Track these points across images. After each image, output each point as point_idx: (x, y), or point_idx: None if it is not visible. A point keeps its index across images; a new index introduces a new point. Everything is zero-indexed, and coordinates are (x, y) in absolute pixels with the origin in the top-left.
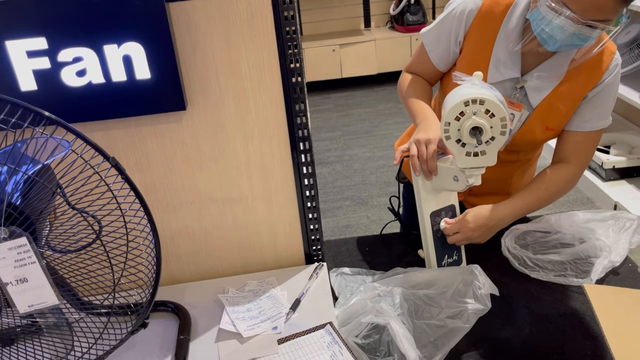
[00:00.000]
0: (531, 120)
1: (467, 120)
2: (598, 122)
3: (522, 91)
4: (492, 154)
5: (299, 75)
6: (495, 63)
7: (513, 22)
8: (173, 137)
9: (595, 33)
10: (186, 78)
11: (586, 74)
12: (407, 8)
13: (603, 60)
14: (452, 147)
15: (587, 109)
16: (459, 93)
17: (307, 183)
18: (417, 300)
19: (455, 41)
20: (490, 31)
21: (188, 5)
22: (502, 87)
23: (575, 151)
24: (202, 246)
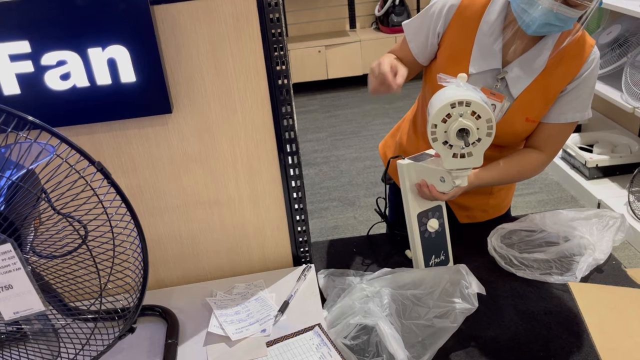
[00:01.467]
0: (512, 111)
1: (453, 122)
2: (574, 114)
3: (503, 82)
4: (478, 155)
5: (285, 77)
6: (476, 55)
7: (494, 13)
8: (159, 140)
9: (573, 13)
10: (172, 81)
11: (565, 65)
12: (392, 9)
13: (582, 53)
14: (439, 149)
15: (565, 101)
16: (445, 95)
17: (294, 185)
18: (404, 300)
19: (434, 34)
20: (471, 24)
21: (173, 8)
22: (483, 78)
23: (549, 141)
24: (190, 249)
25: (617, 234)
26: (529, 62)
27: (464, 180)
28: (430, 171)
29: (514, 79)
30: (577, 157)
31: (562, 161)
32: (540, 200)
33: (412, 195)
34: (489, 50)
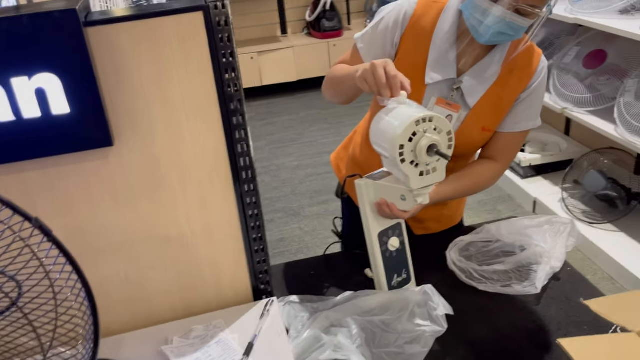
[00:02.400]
0: (468, 121)
1: (420, 139)
2: (527, 123)
3: (459, 92)
4: (441, 170)
5: (239, 101)
6: (432, 65)
7: (447, 23)
8: (99, 175)
9: (525, 22)
10: (112, 110)
11: (517, 75)
12: (323, 14)
13: (532, 62)
14: (407, 170)
15: (519, 110)
16: (405, 114)
17: (251, 214)
18: (373, 328)
19: (392, 45)
20: (426, 33)
21: (110, 29)
22: (438, 88)
23: (504, 151)
24: (138, 291)
25: (568, 240)
26: (482, 72)
27: (425, 198)
28: (390, 190)
29: (469, 88)
30: None
31: None
32: (480, 201)
33: (372, 215)
34: (443, 60)
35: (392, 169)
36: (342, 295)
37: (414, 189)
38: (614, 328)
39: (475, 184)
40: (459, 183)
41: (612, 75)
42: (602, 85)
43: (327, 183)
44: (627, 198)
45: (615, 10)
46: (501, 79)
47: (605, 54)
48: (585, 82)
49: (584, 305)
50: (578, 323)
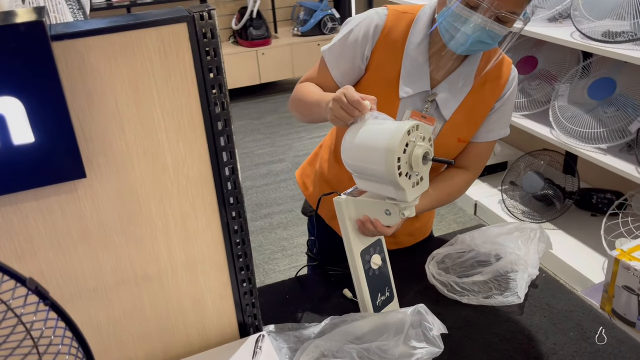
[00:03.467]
0: (444, 133)
1: (414, 149)
2: (499, 131)
3: (434, 105)
4: (426, 179)
5: (226, 120)
6: (405, 78)
7: (418, 35)
8: (67, 211)
9: (503, 30)
10: (82, 137)
11: (490, 85)
12: (250, 22)
13: (504, 73)
14: (403, 183)
15: (492, 120)
16: (391, 127)
17: (238, 241)
18: (371, 356)
19: (362, 58)
20: (397, 46)
21: (80, 44)
22: (412, 101)
23: (476, 160)
24: (112, 339)
25: (539, 246)
26: (456, 84)
27: (412, 211)
28: (373, 206)
29: (444, 100)
30: None
31: None
32: None
33: (354, 233)
34: (417, 73)
35: (375, 186)
36: (327, 321)
37: (410, 201)
38: (600, 332)
39: (450, 195)
40: (435, 195)
41: (542, 80)
42: (533, 90)
43: (268, 196)
44: (563, 197)
45: (545, 19)
46: (475, 90)
47: (536, 60)
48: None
49: (567, 311)
50: (564, 330)
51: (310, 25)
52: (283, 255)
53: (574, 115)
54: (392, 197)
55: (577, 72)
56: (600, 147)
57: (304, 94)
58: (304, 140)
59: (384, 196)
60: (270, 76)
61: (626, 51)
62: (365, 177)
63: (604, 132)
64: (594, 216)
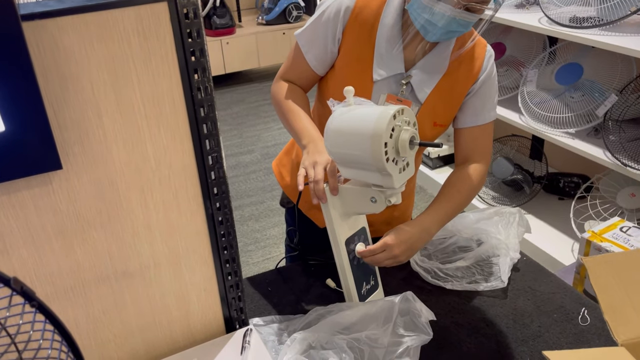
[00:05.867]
0: (420, 117)
1: (400, 133)
2: (489, 113)
3: (409, 87)
4: (412, 164)
5: (210, 106)
6: (378, 60)
7: (391, 16)
8: (40, 205)
9: (473, 18)
10: (56, 125)
11: (465, 67)
12: (213, 11)
13: (478, 53)
14: (390, 168)
15: (477, 102)
16: (376, 111)
17: (223, 232)
18: (361, 345)
19: (333, 40)
20: (369, 27)
21: (52, 24)
22: (387, 84)
23: (476, 147)
24: (91, 339)
25: (518, 229)
26: (431, 65)
27: (398, 197)
28: (359, 193)
29: (419, 82)
30: None
31: None
32: None
33: (339, 222)
34: (390, 55)
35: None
36: (312, 312)
37: (396, 187)
38: (582, 312)
39: (467, 196)
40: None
41: (510, 66)
42: (501, 76)
43: (237, 187)
44: (532, 181)
45: (512, 5)
46: (449, 72)
47: (504, 46)
48: None
49: (549, 293)
50: (548, 312)
51: (275, 13)
52: (256, 247)
53: (542, 100)
54: (378, 184)
55: (544, 57)
56: (569, 132)
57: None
58: (272, 131)
59: (369, 183)
60: (235, 66)
61: (592, 36)
62: (350, 165)
63: (572, 117)
64: (561, 199)
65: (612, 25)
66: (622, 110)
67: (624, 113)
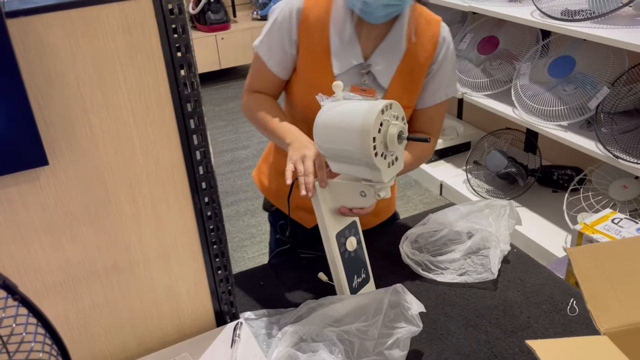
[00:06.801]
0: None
1: (389, 127)
2: (446, 90)
3: (370, 76)
4: (401, 158)
5: (196, 101)
6: (336, 54)
7: (340, 9)
8: (28, 201)
9: None
10: (42, 121)
11: (421, 47)
12: (208, 6)
13: (432, 30)
14: (379, 163)
15: (434, 81)
16: (364, 106)
17: (212, 227)
18: (351, 337)
19: (290, 43)
20: (322, 24)
21: (36, 21)
22: (348, 75)
23: (431, 125)
24: (82, 333)
25: (509, 222)
26: (388, 50)
27: (387, 192)
28: (348, 187)
29: (379, 69)
30: None
31: None
32: None
33: (329, 216)
34: (347, 47)
35: (349, 168)
36: (304, 305)
37: (385, 181)
38: (571, 303)
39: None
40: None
41: (503, 60)
42: (494, 70)
43: (233, 183)
44: (525, 174)
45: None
46: (407, 54)
47: (497, 40)
48: (479, 68)
49: (538, 285)
50: (537, 303)
51: (269, 8)
52: (252, 242)
53: (535, 93)
54: (368, 178)
55: (537, 50)
56: (561, 124)
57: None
58: None
59: (359, 178)
60: (230, 61)
61: (584, 29)
62: (339, 159)
63: (564, 110)
64: (555, 192)
65: (604, 18)
66: (614, 102)
67: (616, 105)
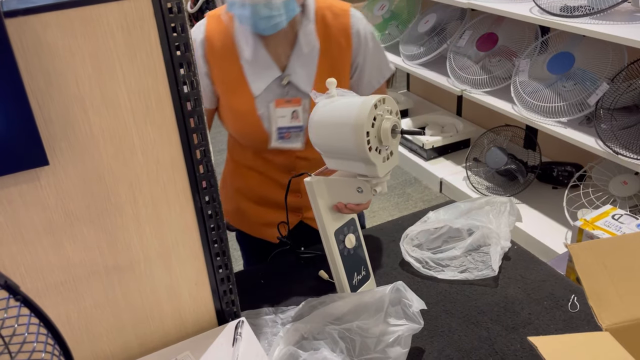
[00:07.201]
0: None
1: (382, 121)
2: (381, 74)
3: (292, 85)
4: (396, 153)
5: (196, 100)
6: (251, 75)
7: (239, 30)
8: (29, 201)
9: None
10: (41, 120)
11: (335, 42)
12: (206, 5)
13: (341, 24)
14: (373, 158)
15: (365, 72)
16: (357, 101)
17: (212, 226)
18: (352, 335)
19: (203, 74)
20: (229, 49)
21: (35, 20)
22: (270, 91)
23: None
24: (83, 333)
25: (509, 218)
26: (302, 54)
27: (384, 187)
28: (345, 184)
29: (299, 76)
30: (415, 141)
31: (400, 146)
32: (389, 186)
33: (327, 213)
34: (259, 64)
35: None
36: (305, 303)
37: (381, 176)
38: (572, 299)
39: None
40: None
41: (502, 56)
42: (493, 66)
43: None
44: (525, 171)
45: None
46: (323, 52)
47: (496, 36)
48: (479, 64)
49: (539, 281)
50: (538, 300)
51: None
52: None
53: (534, 90)
54: (363, 174)
55: (536, 47)
56: (561, 121)
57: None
58: None
59: (355, 173)
60: None
61: (583, 25)
62: (334, 155)
63: (564, 106)
64: (555, 189)
65: (603, 14)
66: (614, 98)
67: (616, 101)
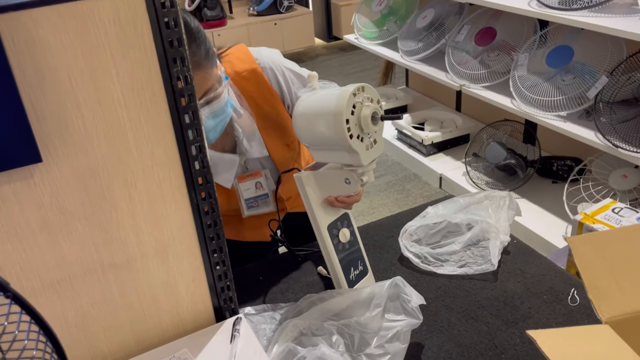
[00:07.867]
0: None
1: (362, 109)
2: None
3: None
4: (380, 141)
5: (190, 95)
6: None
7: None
8: (23, 199)
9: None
10: (34, 117)
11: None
12: (204, 3)
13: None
14: (356, 145)
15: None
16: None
17: (209, 223)
18: (351, 331)
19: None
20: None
21: (26, 16)
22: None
23: None
24: (80, 332)
25: (509, 212)
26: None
27: (371, 176)
28: (332, 176)
29: (251, 148)
30: (414, 137)
31: (399, 142)
32: (388, 182)
33: (318, 208)
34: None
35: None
36: (303, 299)
37: (365, 164)
38: (572, 293)
39: None
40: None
41: (501, 51)
42: (492, 61)
43: None
44: (525, 166)
45: None
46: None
47: (494, 31)
48: (477, 59)
49: (539, 275)
50: (537, 294)
51: (266, 4)
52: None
53: (533, 84)
54: (348, 164)
55: (535, 41)
56: (560, 115)
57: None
58: None
59: (341, 164)
60: None
61: (582, 18)
62: (319, 147)
63: (563, 100)
64: (554, 183)
65: (602, 7)
66: (613, 91)
67: (615, 95)
